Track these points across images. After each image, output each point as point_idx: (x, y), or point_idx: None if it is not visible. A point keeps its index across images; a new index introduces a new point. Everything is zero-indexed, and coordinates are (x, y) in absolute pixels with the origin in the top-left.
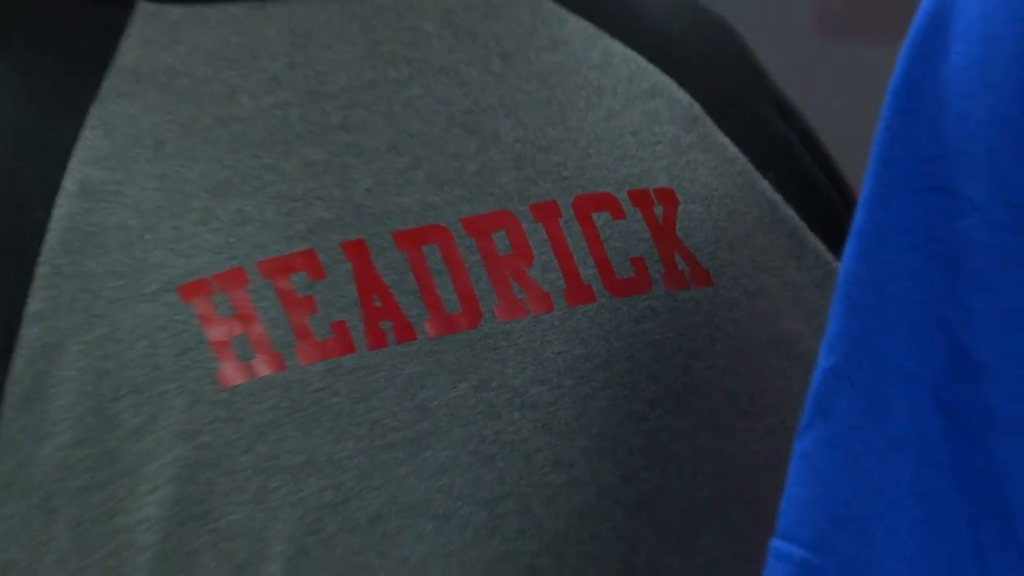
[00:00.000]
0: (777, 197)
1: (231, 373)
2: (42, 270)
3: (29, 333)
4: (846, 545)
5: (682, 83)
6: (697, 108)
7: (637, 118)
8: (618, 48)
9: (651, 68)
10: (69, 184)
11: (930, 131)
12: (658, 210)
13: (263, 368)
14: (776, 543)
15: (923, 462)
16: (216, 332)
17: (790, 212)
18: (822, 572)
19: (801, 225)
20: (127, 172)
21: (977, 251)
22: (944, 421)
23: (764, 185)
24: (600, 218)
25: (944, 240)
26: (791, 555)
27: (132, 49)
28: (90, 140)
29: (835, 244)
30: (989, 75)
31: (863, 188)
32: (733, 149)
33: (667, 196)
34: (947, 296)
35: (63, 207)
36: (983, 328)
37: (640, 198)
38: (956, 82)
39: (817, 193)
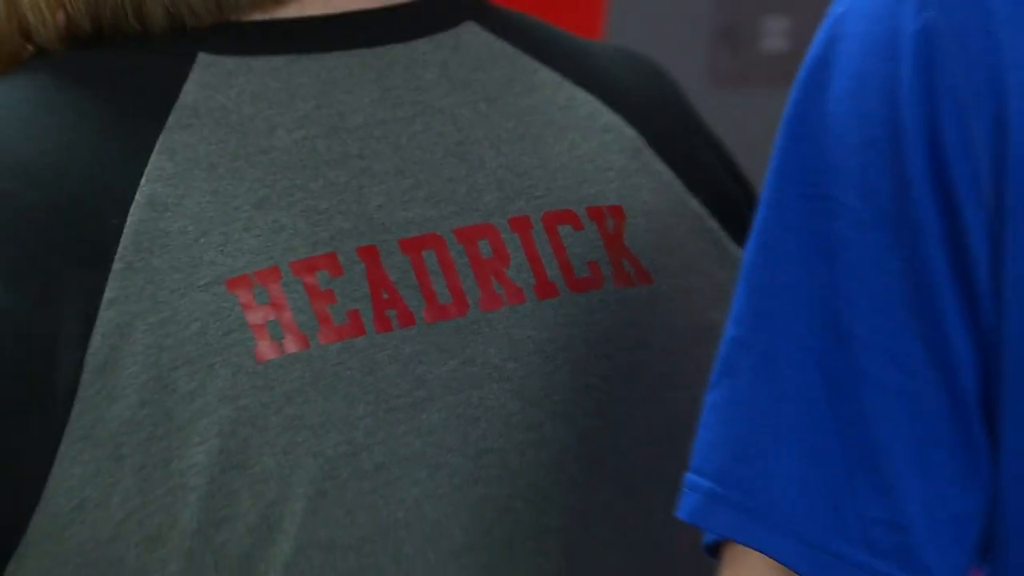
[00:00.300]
0: (703, 212)
1: (265, 350)
2: (117, 265)
3: (105, 316)
4: (744, 477)
5: (629, 121)
6: (640, 141)
7: (594, 149)
8: (579, 93)
9: (605, 109)
10: (140, 197)
11: (815, 149)
12: (609, 223)
13: (291, 346)
14: (688, 476)
15: (807, 412)
16: (254, 317)
17: (714, 224)
18: (724, 499)
19: (723, 234)
20: (186, 189)
21: (849, 245)
22: (824, 380)
23: (693, 203)
24: (563, 229)
25: (824, 236)
26: (700, 485)
27: (192, 91)
28: (157, 163)
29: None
30: (860, 105)
31: (762, 194)
32: (669, 174)
33: (617, 212)
34: (826, 281)
35: (135, 215)
36: (854, 307)
37: (595, 213)
38: (835, 111)
39: (735, 207)
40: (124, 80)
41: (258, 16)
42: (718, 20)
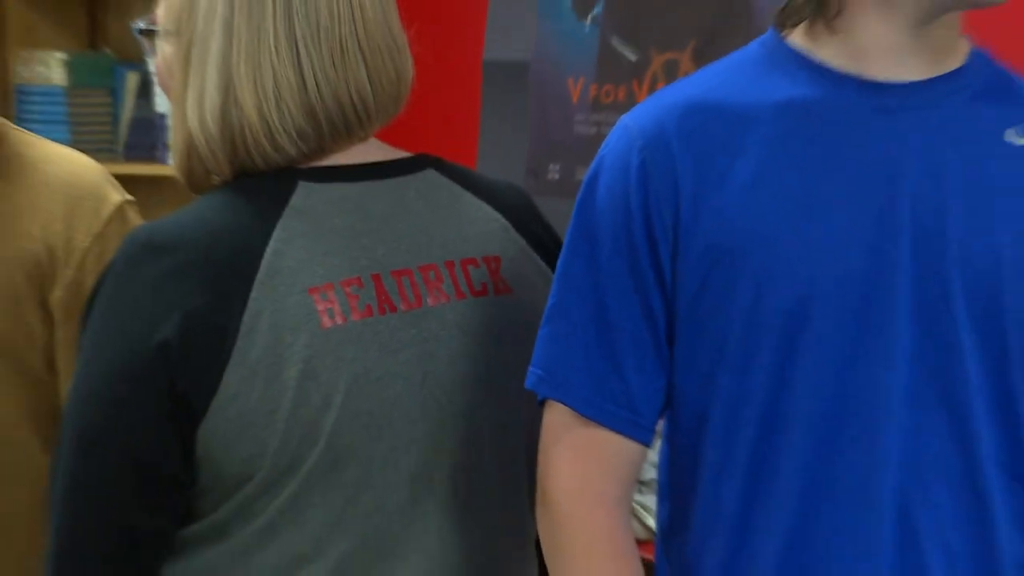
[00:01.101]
0: (537, 257)
1: (326, 323)
2: (256, 282)
3: (250, 308)
4: (554, 368)
5: (505, 216)
6: (511, 227)
7: (487, 230)
8: (483, 204)
9: (494, 212)
10: (269, 249)
11: (589, 219)
12: (492, 264)
13: (339, 321)
14: (530, 369)
15: (584, 338)
16: (320, 307)
17: (542, 264)
18: (544, 378)
19: (546, 268)
20: (291, 246)
21: (604, 262)
22: (593, 324)
23: (535, 255)
24: (470, 267)
25: (593, 258)
26: (535, 372)
27: (297, 200)
28: (278, 233)
29: None
30: (611, 199)
31: (565, 242)
32: (522, 241)
33: (496, 259)
34: (594, 278)
35: (266, 258)
36: (607, 289)
37: (485, 259)
38: (599, 202)
39: (551, 253)
40: (262, 194)
41: (317, 164)
42: (528, 164)
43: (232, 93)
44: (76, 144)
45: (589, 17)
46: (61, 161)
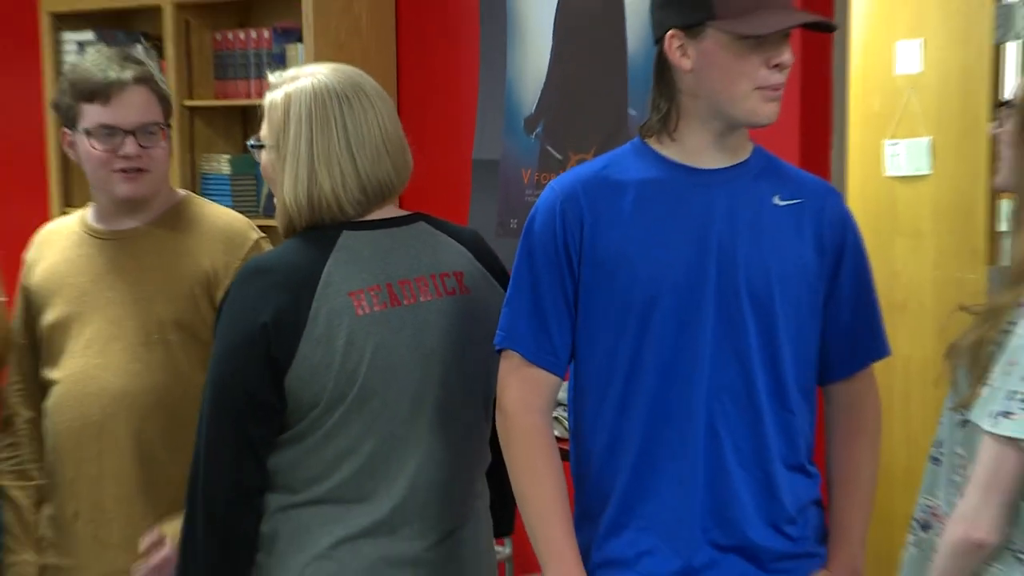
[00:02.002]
0: (487, 273)
1: (359, 313)
2: (317, 290)
3: (313, 306)
4: (511, 329)
5: (467, 249)
6: (470, 255)
7: (456, 255)
8: (453, 242)
9: (460, 246)
10: (324, 272)
11: (529, 242)
12: (459, 276)
13: (367, 311)
14: (496, 332)
15: (526, 311)
16: (355, 303)
17: (492, 278)
18: (505, 336)
19: (494, 281)
20: (338, 268)
21: (541, 266)
22: (531, 302)
23: (485, 272)
24: (444, 277)
25: (532, 263)
26: (499, 333)
27: (341, 242)
28: (330, 262)
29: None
30: (545, 230)
31: (515, 259)
32: (477, 263)
33: (461, 273)
34: (534, 278)
35: (323, 277)
36: (542, 282)
37: (455, 273)
38: (537, 231)
39: (501, 273)
40: (321, 239)
41: (357, 219)
42: (498, 219)
43: (315, 179)
44: (235, 206)
45: (534, 134)
46: (223, 215)
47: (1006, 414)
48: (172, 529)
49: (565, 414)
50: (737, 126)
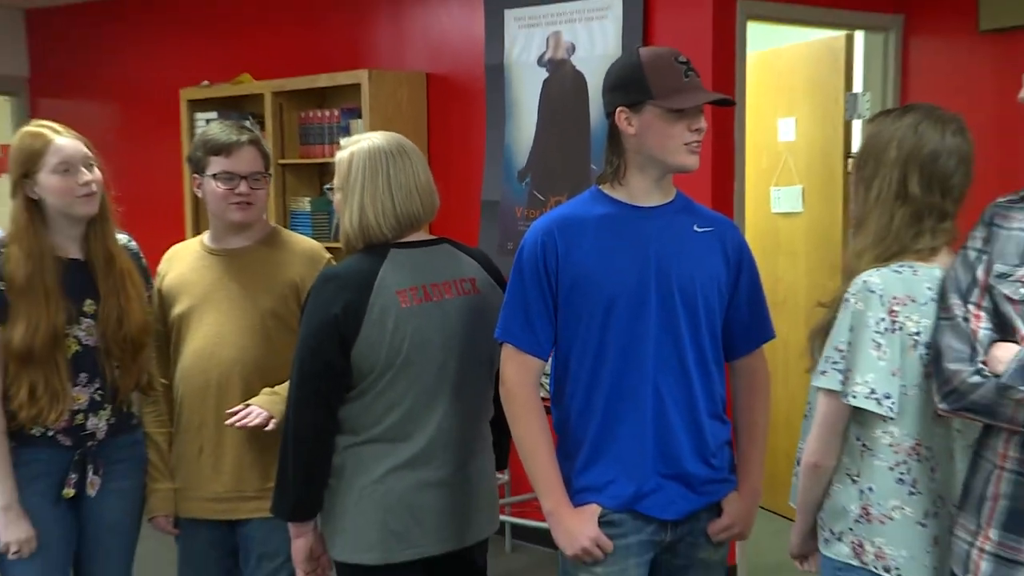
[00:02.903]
0: (492, 280)
1: (403, 305)
2: (373, 290)
3: (371, 300)
4: (508, 327)
5: (478, 262)
6: (480, 266)
7: (470, 266)
8: (468, 257)
9: (473, 260)
10: (378, 277)
11: (520, 264)
12: (472, 281)
13: (408, 304)
14: (496, 329)
15: (519, 316)
16: (401, 299)
17: (497, 287)
18: (503, 332)
19: (497, 287)
20: (388, 274)
21: (528, 283)
22: (523, 311)
23: (491, 279)
24: (462, 282)
25: (522, 282)
26: (499, 329)
27: (390, 256)
28: (382, 271)
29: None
30: (531, 256)
31: (510, 275)
32: (485, 273)
33: (473, 279)
34: (524, 291)
35: (377, 280)
36: (530, 293)
37: (470, 279)
38: (526, 257)
39: (503, 284)
40: (375, 255)
41: (397, 240)
42: (498, 244)
43: (364, 213)
44: (314, 235)
45: (524, 182)
46: (303, 241)
47: (823, 373)
48: (257, 400)
49: (547, 382)
50: (669, 172)
